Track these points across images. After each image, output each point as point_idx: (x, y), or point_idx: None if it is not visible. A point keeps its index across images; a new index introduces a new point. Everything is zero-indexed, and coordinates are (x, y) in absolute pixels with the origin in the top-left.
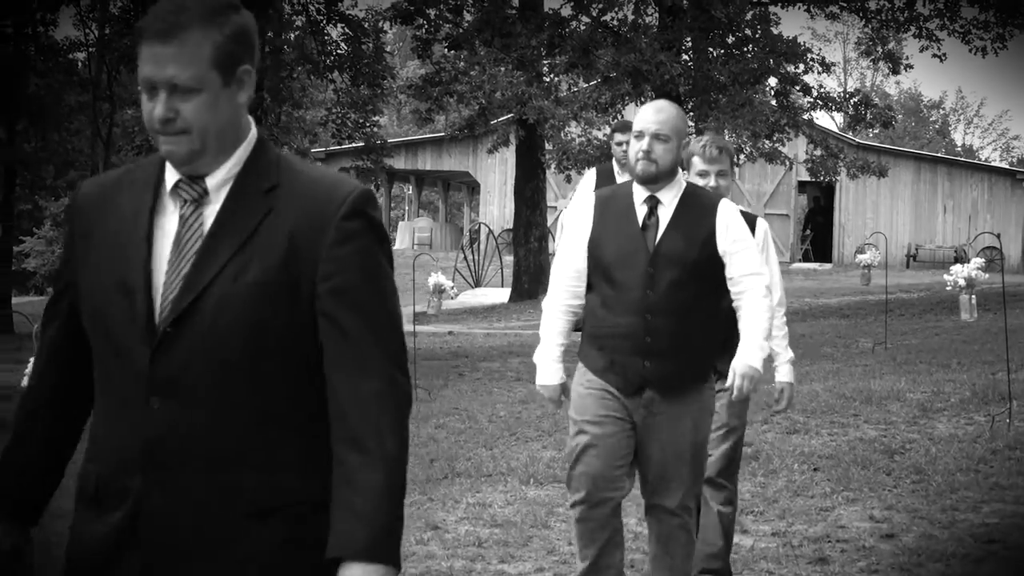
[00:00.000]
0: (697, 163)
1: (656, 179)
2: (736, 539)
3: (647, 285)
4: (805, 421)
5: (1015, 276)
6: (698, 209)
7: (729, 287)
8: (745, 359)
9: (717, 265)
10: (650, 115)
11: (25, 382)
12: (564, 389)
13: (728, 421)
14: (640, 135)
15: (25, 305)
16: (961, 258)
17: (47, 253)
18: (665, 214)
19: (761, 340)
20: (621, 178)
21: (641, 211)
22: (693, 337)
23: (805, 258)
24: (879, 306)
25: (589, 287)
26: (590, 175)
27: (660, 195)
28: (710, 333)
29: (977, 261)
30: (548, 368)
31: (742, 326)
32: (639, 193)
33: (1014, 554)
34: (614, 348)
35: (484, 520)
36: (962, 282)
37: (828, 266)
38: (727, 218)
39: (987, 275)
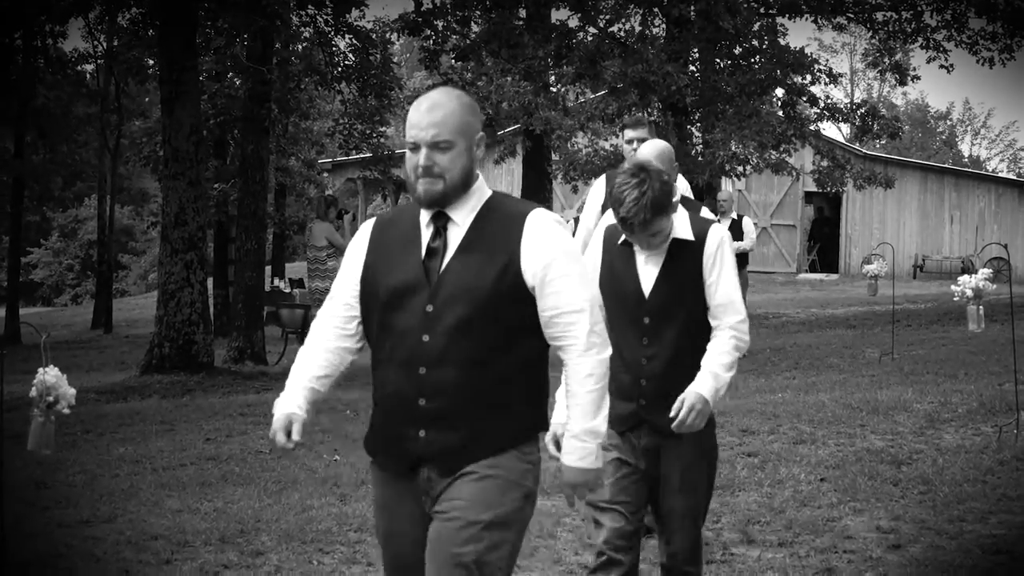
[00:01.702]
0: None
1: (445, 198)
2: (742, 549)
3: (424, 328)
4: (812, 431)
5: (1023, 287)
6: (501, 224)
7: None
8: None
9: (523, 300)
10: (422, 117)
11: (33, 392)
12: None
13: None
14: (415, 147)
15: (33, 316)
16: (968, 269)
17: (54, 264)
18: (456, 235)
19: (588, 418)
20: None
21: (426, 234)
22: (487, 396)
23: (812, 268)
24: (886, 317)
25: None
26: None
27: (452, 211)
28: (517, 390)
29: (984, 272)
30: (278, 408)
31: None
32: (426, 212)
33: (1021, 565)
34: (384, 414)
35: None
36: (969, 293)
37: (835, 277)
38: (538, 233)
39: (994, 286)
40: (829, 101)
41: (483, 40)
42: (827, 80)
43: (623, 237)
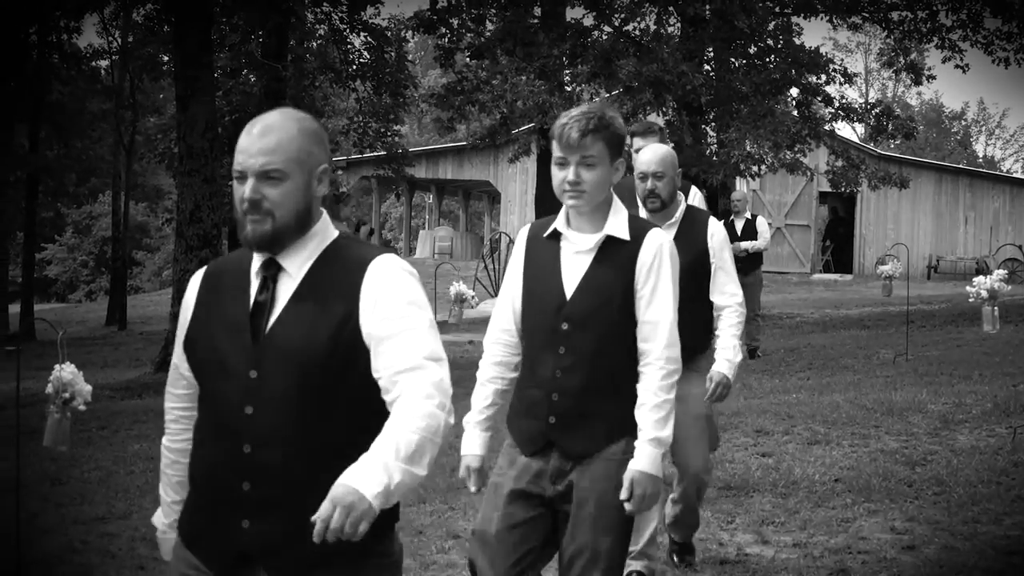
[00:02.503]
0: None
1: (276, 241)
2: (757, 550)
3: (247, 398)
4: (826, 432)
5: None
6: (340, 273)
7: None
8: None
9: (363, 362)
10: (252, 143)
11: (49, 388)
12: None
13: None
14: (242, 176)
15: (48, 312)
16: (983, 269)
17: (68, 260)
18: (287, 287)
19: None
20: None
21: (255, 285)
22: (326, 480)
23: (826, 269)
24: (900, 317)
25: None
26: None
27: (284, 259)
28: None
29: (999, 273)
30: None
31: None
32: (257, 258)
33: None
34: (202, 498)
35: None
36: (984, 294)
37: (849, 277)
38: (380, 282)
39: (1009, 287)
40: (844, 101)
41: (498, 38)
42: (842, 80)
43: (551, 228)
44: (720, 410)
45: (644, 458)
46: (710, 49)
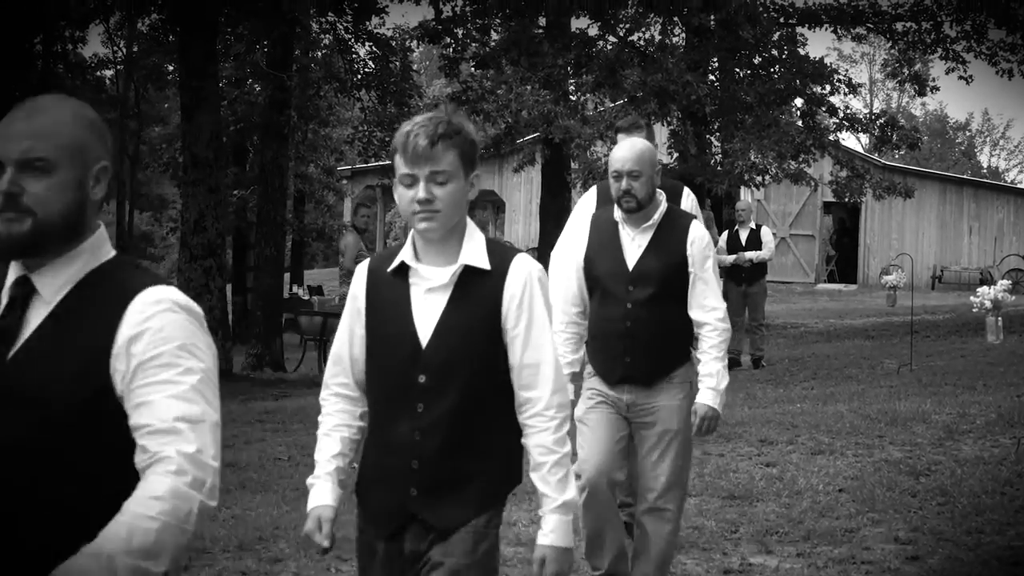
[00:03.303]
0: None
1: (33, 246)
2: (760, 559)
3: None
4: (830, 442)
5: None
6: (100, 304)
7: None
8: None
9: (113, 418)
10: (14, 125)
11: None
12: None
13: None
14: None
15: None
16: (987, 280)
17: None
18: (38, 314)
19: None
20: None
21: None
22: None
23: (830, 279)
24: (904, 327)
25: None
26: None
27: (39, 277)
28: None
29: (1003, 283)
30: None
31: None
32: (13, 271)
33: None
34: None
35: (509, 539)
36: (988, 304)
37: (853, 287)
38: (143, 319)
39: (1013, 297)
40: (848, 111)
41: (503, 48)
42: (846, 90)
43: (397, 261)
44: (724, 420)
45: (554, 530)
46: (715, 59)
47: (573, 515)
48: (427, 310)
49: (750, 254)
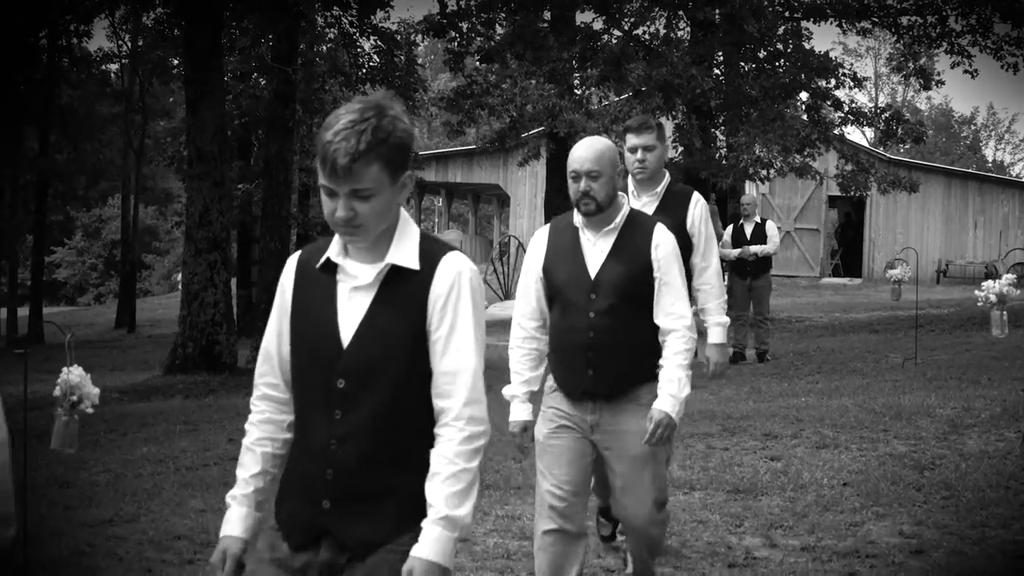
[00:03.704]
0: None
1: None
2: (765, 553)
3: None
4: (835, 436)
5: None
6: None
7: None
8: None
9: None
10: None
11: (57, 391)
12: None
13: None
14: None
15: (57, 315)
16: (992, 274)
17: (77, 263)
18: None
19: None
20: (637, 201)
21: None
22: None
23: (835, 273)
24: (909, 321)
25: None
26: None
27: None
28: None
29: (1008, 277)
30: None
31: None
32: None
33: None
34: None
35: (513, 532)
36: (993, 298)
37: (858, 281)
38: None
39: (1018, 291)
40: (853, 105)
41: (508, 42)
42: (851, 84)
43: (324, 257)
44: (728, 413)
45: (430, 543)
46: (720, 53)
47: (457, 536)
48: (351, 310)
49: (755, 248)
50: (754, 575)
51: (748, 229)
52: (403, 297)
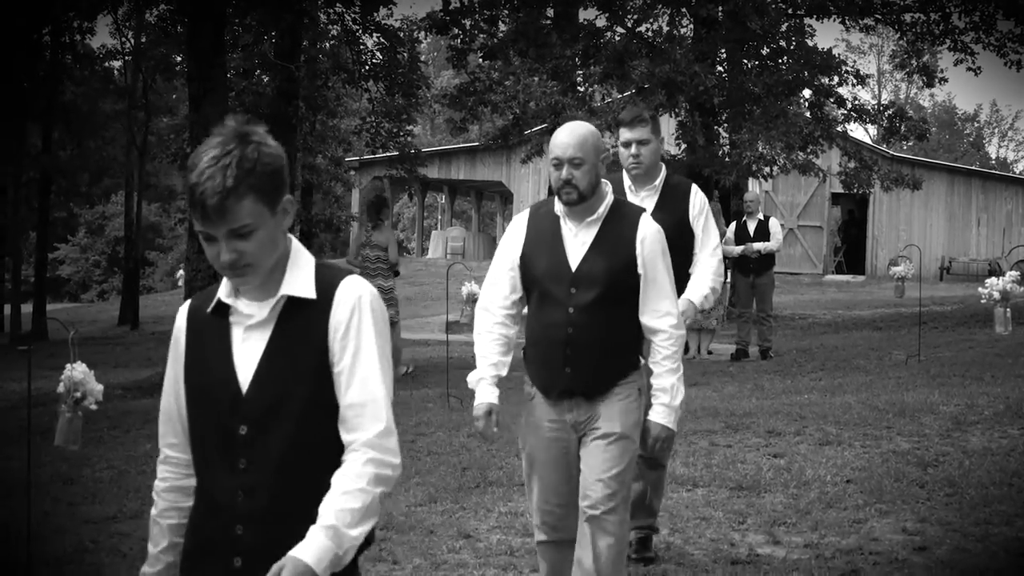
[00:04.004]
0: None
1: None
2: (768, 550)
3: None
4: (838, 433)
5: None
6: None
7: None
8: None
9: None
10: None
11: (61, 388)
12: None
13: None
14: None
15: (60, 312)
16: (995, 271)
17: (81, 260)
18: None
19: None
20: (634, 196)
21: None
22: None
23: (838, 270)
24: (912, 318)
25: None
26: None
27: None
28: None
29: (1012, 274)
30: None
31: None
32: None
33: None
34: None
35: (516, 529)
36: (996, 295)
37: (861, 278)
38: None
39: (1022, 288)
40: (856, 102)
41: (511, 39)
42: (854, 81)
43: (215, 300)
44: (731, 410)
45: (311, 547)
46: (723, 50)
47: (339, 554)
48: (247, 351)
49: (758, 245)
50: (757, 572)
51: (751, 226)
52: (302, 330)
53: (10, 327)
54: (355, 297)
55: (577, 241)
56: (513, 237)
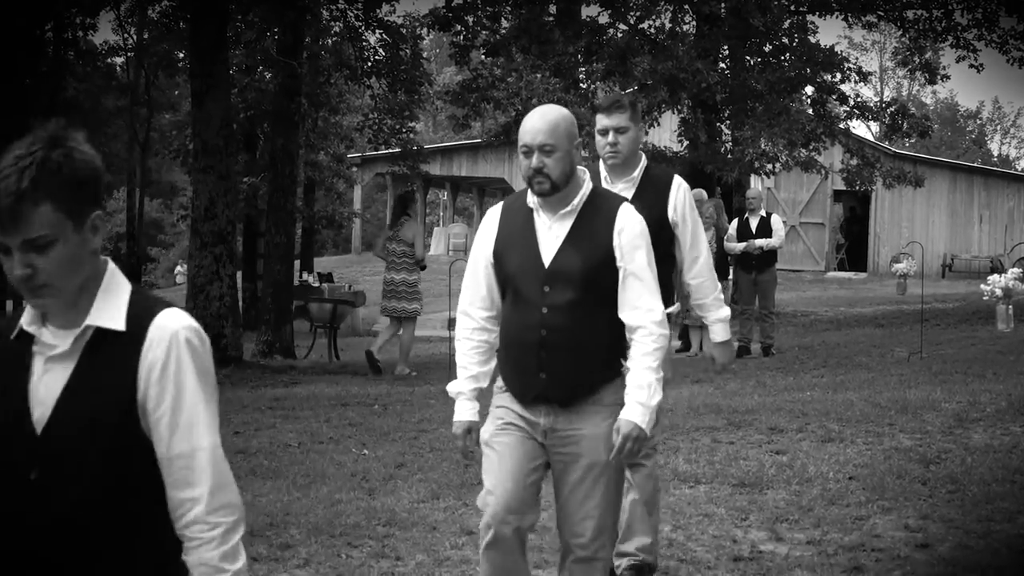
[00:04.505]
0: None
1: None
2: (770, 547)
3: None
4: (840, 430)
5: None
6: None
7: None
8: None
9: None
10: None
11: None
12: None
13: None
14: None
15: None
16: (997, 268)
17: None
18: None
19: None
20: (609, 188)
21: None
22: None
23: (840, 267)
24: (915, 316)
25: None
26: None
27: None
28: None
29: (1014, 271)
30: None
31: None
32: None
33: None
34: None
35: None
36: (998, 292)
37: (863, 275)
38: None
39: None
40: (859, 99)
41: (513, 36)
42: (857, 78)
43: (17, 330)
44: (733, 407)
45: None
46: (725, 47)
47: None
48: (46, 386)
49: (760, 242)
50: (759, 568)
51: (753, 223)
52: (108, 366)
53: None
54: (171, 333)
55: (551, 235)
56: (485, 233)
